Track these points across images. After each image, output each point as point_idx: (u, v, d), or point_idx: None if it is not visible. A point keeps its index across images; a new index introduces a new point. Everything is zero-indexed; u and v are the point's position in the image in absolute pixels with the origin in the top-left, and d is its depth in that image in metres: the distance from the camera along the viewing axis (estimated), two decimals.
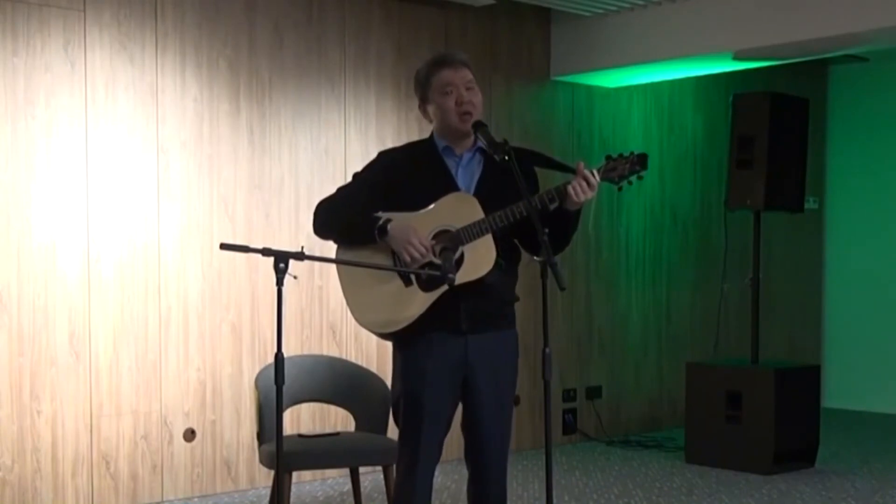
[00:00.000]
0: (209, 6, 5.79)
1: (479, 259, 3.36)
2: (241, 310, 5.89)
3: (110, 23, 5.47)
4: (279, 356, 3.29)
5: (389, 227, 3.37)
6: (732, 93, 7.08)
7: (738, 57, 6.68)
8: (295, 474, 4.64)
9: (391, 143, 6.06)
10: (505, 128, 6.74)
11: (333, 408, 5.76)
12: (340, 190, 3.62)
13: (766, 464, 6.38)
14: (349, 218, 3.48)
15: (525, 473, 6.36)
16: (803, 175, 6.93)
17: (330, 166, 6.23)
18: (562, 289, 3.21)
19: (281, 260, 3.25)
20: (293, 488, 4.77)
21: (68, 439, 5.33)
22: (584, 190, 3.34)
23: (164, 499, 5.64)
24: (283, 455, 3.87)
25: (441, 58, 3.57)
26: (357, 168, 3.74)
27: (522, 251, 3.56)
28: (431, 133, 3.59)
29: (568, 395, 7.40)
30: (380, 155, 3.63)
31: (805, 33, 6.18)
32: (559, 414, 7.34)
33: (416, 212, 3.42)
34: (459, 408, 3.56)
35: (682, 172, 8.13)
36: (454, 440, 3.57)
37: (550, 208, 3.38)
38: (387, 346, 3.64)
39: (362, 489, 4.99)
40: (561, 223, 3.41)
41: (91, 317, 5.40)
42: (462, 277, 3.34)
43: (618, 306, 7.72)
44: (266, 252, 3.26)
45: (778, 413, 6.36)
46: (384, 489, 4.69)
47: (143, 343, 5.57)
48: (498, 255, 3.38)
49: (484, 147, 3.49)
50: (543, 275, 3.26)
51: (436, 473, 3.54)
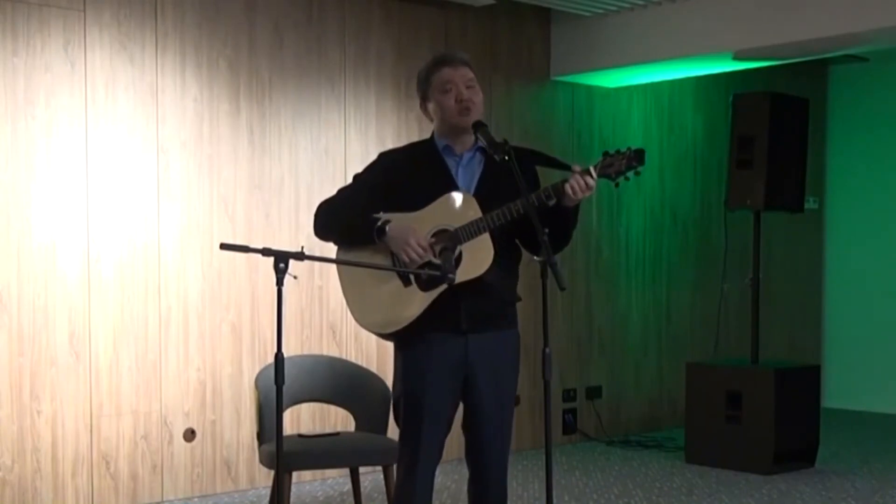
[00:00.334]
0: (209, 6, 5.79)
1: (478, 258, 3.36)
2: (241, 310, 5.89)
3: (110, 23, 5.47)
4: (279, 356, 3.29)
5: (388, 229, 3.37)
6: (732, 93, 7.08)
7: (738, 57, 6.68)
8: (295, 474, 4.64)
9: (391, 143, 6.06)
10: (505, 128, 6.74)
11: (333, 408, 5.76)
12: (341, 191, 3.62)
13: (766, 464, 6.38)
14: (348, 219, 3.48)
15: (525, 473, 6.36)
16: (803, 175, 6.93)
17: (330, 166, 6.23)
18: (562, 289, 3.21)
19: (281, 260, 3.25)
20: (293, 488, 4.77)
21: (68, 439, 5.33)
22: (582, 187, 3.35)
23: (164, 499, 5.64)
24: (283, 455, 3.87)
25: (442, 57, 3.58)
26: (357, 168, 3.74)
27: (524, 251, 3.56)
28: (432, 133, 3.59)
29: (568, 395, 7.40)
30: (380, 156, 3.64)
31: (805, 33, 6.18)
32: (559, 414, 7.34)
33: (415, 212, 3.42)
34: (460, 408, 3.56)
35: (682, 172, 8.12)
36: (454, 440, 3.56)
37: (549, 205, 3.38)
38: (387, 346, 3.64)
39: (362, 489, 4.99)
40: (560, 220, 3.41)
41: (91, 317, 5.40)
42: (461, 276, 3.34)
43: (618, 306, 7.72)
44: (266, 252, 3.26)
45: (778, 413, 6.36)
46: (384, 489, 4.69)
47: (143, 343, 5.57)
48: (496, 253, 3.38)
49: (484, 147, 3.49)
50: (543, 275, 3.26)
51: (436, 473, 3.54)
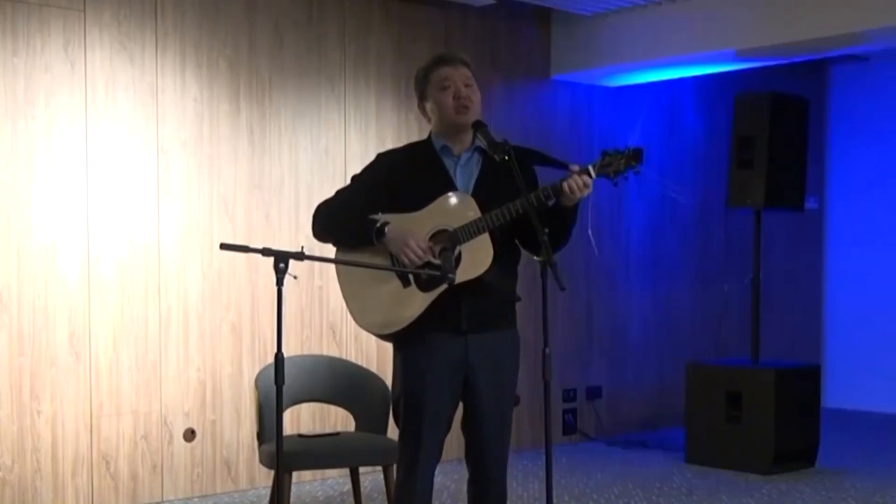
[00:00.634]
0: (209, 6, 5.79)
1: (478, 258, 3.36)
2: (241, 310, 5.89)
3: (110, 23, 5.47)
4: (279, 356, 3.29)
5: (387, 230, 3.37)
6: (733, 93, 7.08)
7: (739, 56, 6.68)
8: (295, 474, 4.64)
9: (391, 143, 6.06)
10: (505, 128, 6.72)
11: (333, 408, 5.76)
12: (339, 193, 3.62)
13: (766, 464, 6.38)
14: (347, 221, 3.48)
15: (525, 473, 6.36)
16: (803, 175, 6.93)
17: (330, 166, 6.23)
18: (562, 289, 3.21)
19: (281, 260, 3.25)
20: (293, 488, 4.76)
21: (68, 439, 5.33)
22: (580, 186, 3.35)
23: (164, 499, 5.64)
24: (283, 455, 3.87)
25: (441, 56, 3.59)
26: (357, 168, 3.74)
27: (523, 251, 3.56)
28: (429, 134, 3.59)
29: (568, 395, 7.40)
30: (378, 157, 3.63)
31: (805, 33, 6.18)
32: (559, 414, 7.34)
33: (414, 213, 3.42)
34: (460, 408, 3.56)
35: (682, 172, 8.12)
36: (454, 440, 3.56)
37: (548, 205, 3.38)
38: (387, 346, 3.64)
39: (362, 489, 4.99)
40: (559, 220, 3.42)
41: (91, 317, 5.40)
42: (461, 276, 3.34)
43: (618, 306, 7.72)
44: (266, 252, 3.26)
45: (778, 413, 6.36)
46: (384, 489, 4.69)
47: (143, 343, 5.57)
48: (495, 253, 3.38)
49: (482, 147, 3.49)
50: (543, 275, 3.26)
51: (436, 473, 3.54)
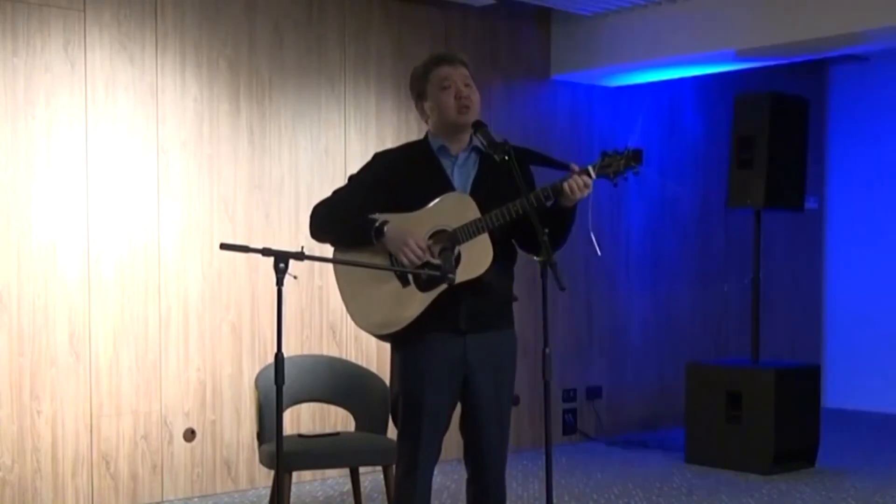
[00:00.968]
0: (209, 6, 5.79)
1: (477, 258, 3.36)
2: (241, 310, 5.89)
3: (110, 23, 5.47)
4: (279, 356, 3.29)
5: (386, 229, 3.37)
6: (733, 93, 7.08)
7: (739, 56, 6.68)
8: (295, 474, 4.64)
9: (391, 143, 6.06)
10: (504, 128, 6.72)
11: (333, 408, 5.76)
12: (336, 192, 3.61)
13: (766, 464, 6.37)
14: (345, 220, 3.47)
15: (525, 473, 6.36)
16: (803, 175, 6.93)
17: (330, 166, 6.23)
18: (562, 289, 3.21)
19: (281, 260, 3.25)
20: (293, 488, 4.76)
21: (68, 439, 5.33)
22: (580, 186, 3.35)
23: (164, 499, 5.64)
24: (283, 455, 3.87)
25: (440, 55, 3.58)
26: (357, 168, 3.73)
27: (519, 251, 3.56)
28: (426, 134, 3.58)
29: (568, 395, 7.40)
30: (375, 156, 3.63)
31: (805, 33, 6.18)
32: (559, 414, 7.34)
33: (413, 213, 3.41)
34: (457, 409, 3.56)
35: (682, 172, 8.12)
36: (454, 440, 3.57)
37: (547, 206, 3.38)
38: (387, 346, 3.64)
39: (362, 489, 4.99)
40: (557, 220, 3.42)
41: (91, 317, 5.40)
42: (461, 276, 3.33)
43: (618, 306, 7.72)
44: (266, 252, 3.26)
45: (778, 413, 6.36)
46: (384, 489, 4.69)
47: (143, 343, 5.57)
48: (495, 254, 3.38)
49: (479, 147, 3.49)
50: (543, 275, 3.26)
51: (435, 473, 3.54)
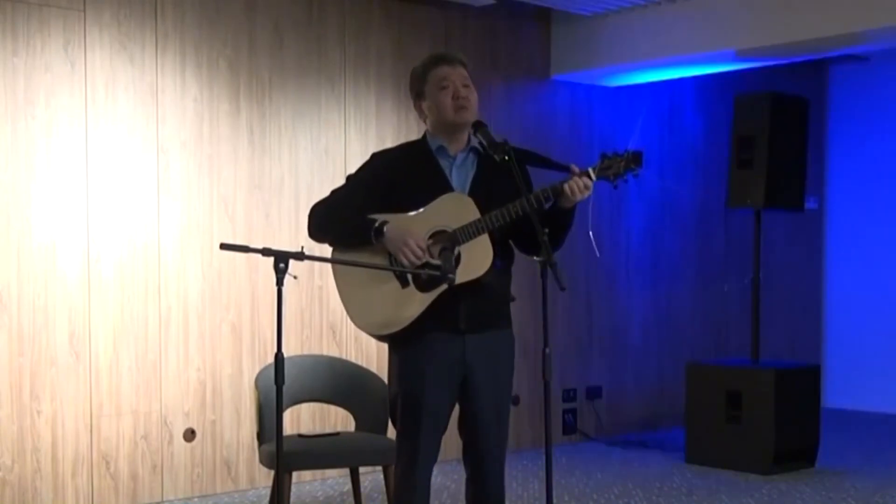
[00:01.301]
0: (209, 6, 5.79)
1: (477, 259, 3.36)
2: (241, 310, 5.89)
3: (110, 23, 5.47)
4: (279, 356, 3.29)
5: (386, 230, 3.37)
6: (733, 93, 7.08)
7: (739, 56, 6.68)
8: (295, 474, 4.64)
9: (391, 143, 6.05)
10: (504, 128, 6.72)
11: (333, 408, 5.76)
12: (334, 192, 3.61)
13: (766, 464, 6.37)
14: (345, 221, 3.47)
15: (525, 473, 6.36)
16: (803, 175, 6.93)
17: (330, 166, 6.23)
18: (562, 289, 3.21)
19: (281, 260, 3.25)
20: (293, 488, 4.76)
21: (68, 439, 5.33)
22: (580, 188, 3.35)
23: (164, 499, 5.64)
24: (283, 455, 3.87)
25: (439, 55, 3.59)
26: (356, 168, 3.73)
27: (516, 251, 3.56)
28: (424, 134, 3.58)
29: (568, 395, 7.40)
30: (373, 156, 3.62)
31: (805, 33, 6.18)
32: (559, 414, 7.34)
33: (412, 213, 3.42)
34: (456, 408, 3.56)
35: (682, 172, 8.12)
36: (454, 440, 3.56)
37: (546, 207, 3.38)
38: (387, 347, 3.64)
39: (362, 489, 4.99)
40: (556, 221, 3.42)
41: (91, 317, 5.40)
42: (461, 277, 3.34)
43: (618, 306, 7.72)
44: (266, 252, 3.26)
45: (778, 413, 6.36)
46: (384, 489, 4.69)
47: (143, 343, 5.57)
48: (495, 254, 3.38)
49: (478, 147, 3.49)
50: (543, 275, 3.26)
51: (435, 473, 3.54)
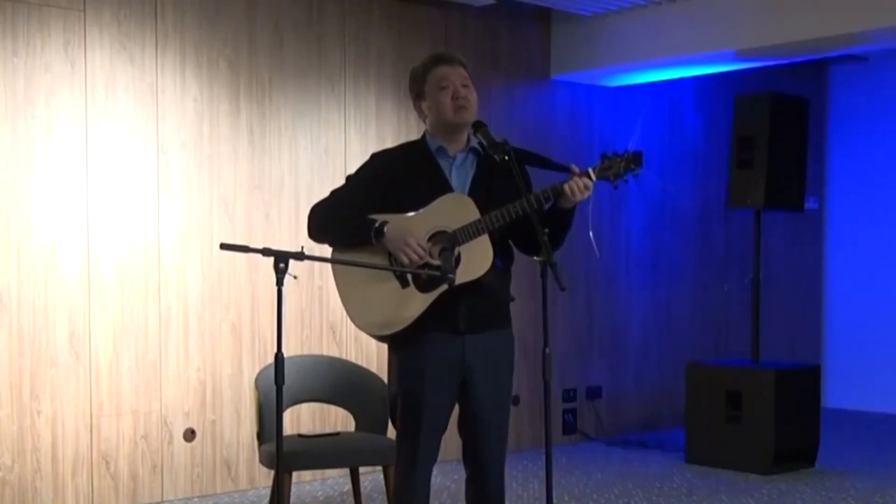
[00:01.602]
0: (209, 6, 5.79)
1: (477, 259, 3.36)
2: (241, 310, 5.89)
3: (110, 23, 5.47)
4: (279, 356, 3.29)
5: (386, 230, 3.37)
6: (733, 93, 7.08)
7: (739, 56, 6.68)
8: (295, 474, 4.64)
9: (391, 143, 6.04)
10: (504, 128, 6.72)
11: (333, 408, 5.76)
12: (334, 193, 3.61)
13: (766, 464, 6.37)
14: (345, 221, 3.47)
15: (525, 473, 6.36)
16: (803, 175, 6.93)
17: (330, 166, 6.23)
18: (562, 289, 3.21)
19: (281, 260, 3.25)
20: (293, 488, 4.77)
21: (68, 439, 5.33)
22: (581, 189, 3.36)
23: (164, 499, 5.64)
24: (283, 455, 3.87)
25: (438, 56, 3.59)
26: (355, 168, 3.73)
27: (516, 251, 3.56)
28: (423, 134, 3.58)
29: (568, 395, 7.40)
30: (372, 156, 3.62)
31: (805, 33, 6.18)
32: (559, 414, 7.34)
33: (412, 213, 3.42)
34: (456, 409, 3.55)
35: (682, 172, 8.12)
36: (453, 440, 3.56)
37: (546, 207, 3.39)
38: (387, 347, 3.64)
39: (362, 489, 4.99)
40: (556, 222, 3.42)
41: (91, 317, 5.40)
42: (461, 277, 3.34)
43: (618, 306, 7.72)
44: (266, 252, 3.26)
45: (778, 413, 6.36)
46: (384, 489, 4.69)
47: (143, 343, 5.57)
48: (494, 255, 3.38)
49: (478, 147, 3.50)
50: (543, 275, 3.26)
51: (435, 473, 3.54)
